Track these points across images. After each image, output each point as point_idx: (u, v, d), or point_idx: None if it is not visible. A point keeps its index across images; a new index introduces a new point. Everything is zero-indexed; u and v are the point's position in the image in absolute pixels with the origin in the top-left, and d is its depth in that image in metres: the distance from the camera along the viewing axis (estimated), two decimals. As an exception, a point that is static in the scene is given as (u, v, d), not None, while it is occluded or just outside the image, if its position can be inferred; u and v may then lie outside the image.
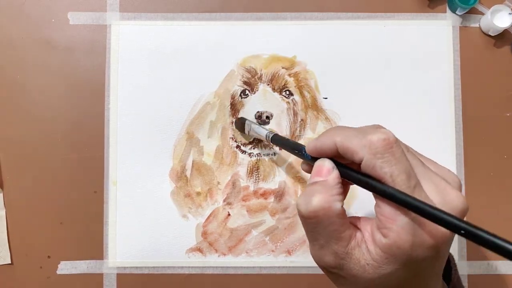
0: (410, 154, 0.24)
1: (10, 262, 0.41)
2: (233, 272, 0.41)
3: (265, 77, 0.42)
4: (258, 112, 0.42)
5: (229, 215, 0.42)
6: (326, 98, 0.42)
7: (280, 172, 0.42)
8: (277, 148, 0.42)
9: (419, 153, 0.26)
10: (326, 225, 0.24)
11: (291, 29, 0.43)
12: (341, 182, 0.25)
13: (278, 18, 0.43)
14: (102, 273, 0.41)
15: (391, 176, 0.23)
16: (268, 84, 0.42)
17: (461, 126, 0.42)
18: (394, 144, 0.23)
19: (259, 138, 0.40)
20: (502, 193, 0.42)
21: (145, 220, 0.42)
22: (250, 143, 0.42)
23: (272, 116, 0.42)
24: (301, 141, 0.42)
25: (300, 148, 0.29)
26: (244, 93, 0.42)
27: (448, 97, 0.42)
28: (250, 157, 0.42)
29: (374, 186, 0.23)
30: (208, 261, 0.41)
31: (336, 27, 0.43)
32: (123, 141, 0.42)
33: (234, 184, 0.42)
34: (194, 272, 0.41)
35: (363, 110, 0.42)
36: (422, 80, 0.42)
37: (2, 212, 0.42)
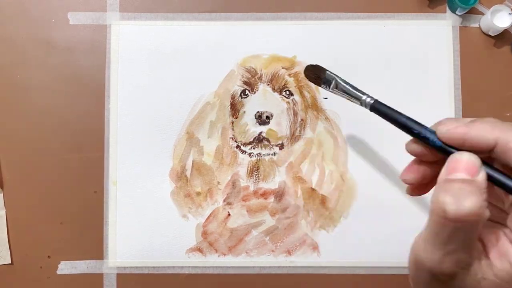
0: None
1: (10, 262, 0.41)
2: (233, 272, 0.41)
3: (265, 77, 0.42)
4: (258, 112, 0.42)
5: (229, 215, 0.42)
6: (326, 98, 0.42)
7: (280, 172, 0.42)
8: (277, 148, 0.42)
9: None
10: (469, 233, 0.21)
11: (291, 29, 0.43)
12: None
13: (278, 18, 0.43)
14: (102, 273, 0.41)
15: None
16: (268, 84, 0.42)
17: (461, 126, 0.42)
18: None
19: (348, 99, 0.32)
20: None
21: (145, 220, 0.42)
22: (250, 143, 0.42)
23: (272, 116, 0.42)
24: (301, 141, 0.42)
25: (423, 132, 0.24)
26: (244, 93, 0.42)
27: (448, 97, 0.42)
28: (250, 157, 0.42)
29: None
30: (208, 261, 0.41)
31: (336, 27, 0.43)
32: (123, 141, 0.42)
33: (234, 184, 0.42)
34: (194, 272, 0.41)
35: (363, 110, 0.42)
36: (422, 80, 0.42)
37: (2, 212, 0.42)
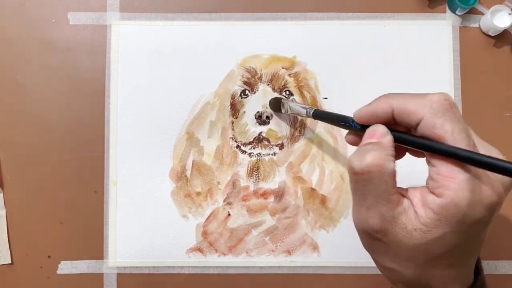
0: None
1: (10, 262, 0.41)
2: (233, 272, 0.41)
3: (265, 77, 0.42)
4: (258, 112, 0.42)
5: (229, 215, 0.42)
6: (326, 98, 0.42)
7: (280, 172, 0.42)
8: (277, 148, 0.42)
9: None
10: (378, 184, 0.23)
11: (291, 29, 0.43)
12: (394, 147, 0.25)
13: (278, 18, 0.43)
14: (102, 273, 0.41)
15: (452, 134, 0.23)
16: (268, 84, 0.42)
17: (461, 126, 0.42)
18: (454, 105, 0.24)
19: (299, 116, 0.41)
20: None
21: (145, 220, 0.42)
22: (250, 143, 0.42)
23: (272, 116, 0.42)
24: (301, 141, 0.42)
25: (347, 119, 0.29)
26: (244, 93, 0.42)
27: (448, 97, 0.42)
28: (250, 157, 0.42)
29: (432, 146, 0.23)
30: (208, 261, 0.41)
31: (336, 27, 0.43)
32: (123, 141, 0.42)
33: (234, 184, 0.42)
34: (194, 272, 0.41)
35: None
36: (422, 80, 0.42)
37: (2, 212, 0.42)
